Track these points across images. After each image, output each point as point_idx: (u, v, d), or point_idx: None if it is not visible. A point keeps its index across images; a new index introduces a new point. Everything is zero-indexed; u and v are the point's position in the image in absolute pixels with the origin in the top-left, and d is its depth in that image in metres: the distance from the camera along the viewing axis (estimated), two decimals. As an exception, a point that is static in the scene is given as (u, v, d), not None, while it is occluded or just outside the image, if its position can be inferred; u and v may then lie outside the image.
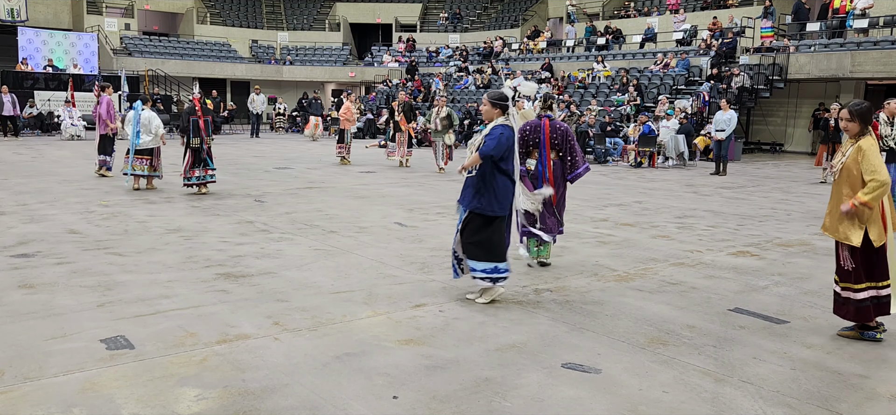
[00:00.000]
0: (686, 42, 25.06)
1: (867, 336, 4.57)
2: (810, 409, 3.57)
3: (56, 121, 23.46)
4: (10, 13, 29.58)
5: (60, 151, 17.57)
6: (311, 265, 6.33)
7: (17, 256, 6.39)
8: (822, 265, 6.82)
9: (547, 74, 26.27)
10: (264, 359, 4.06)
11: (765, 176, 15.60)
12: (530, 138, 6.30)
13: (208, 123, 10.50)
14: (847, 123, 4.51)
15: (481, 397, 3.62)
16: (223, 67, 33.53)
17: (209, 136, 10.50)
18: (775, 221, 9.42)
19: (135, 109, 10.86)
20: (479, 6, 38.45)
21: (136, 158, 10.84)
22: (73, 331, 4.44)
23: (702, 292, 5.72)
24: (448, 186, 12.43)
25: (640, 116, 18.72)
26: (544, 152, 6.31)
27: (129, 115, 11.06)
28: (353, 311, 5.02)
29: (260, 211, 9.29)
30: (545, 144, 6.29)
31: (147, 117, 10.85)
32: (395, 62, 33.56)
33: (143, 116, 10.83)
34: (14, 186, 11.05)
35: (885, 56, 18.93)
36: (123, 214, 8.80)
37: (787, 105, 23.24)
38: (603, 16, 30.82)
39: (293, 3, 40.23)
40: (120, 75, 26.09)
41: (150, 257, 6.51)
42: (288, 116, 30.82)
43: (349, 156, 16.41)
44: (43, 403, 3.43)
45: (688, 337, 4.60)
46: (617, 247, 7.42)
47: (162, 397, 3.54)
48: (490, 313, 5.04)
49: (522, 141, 6.24)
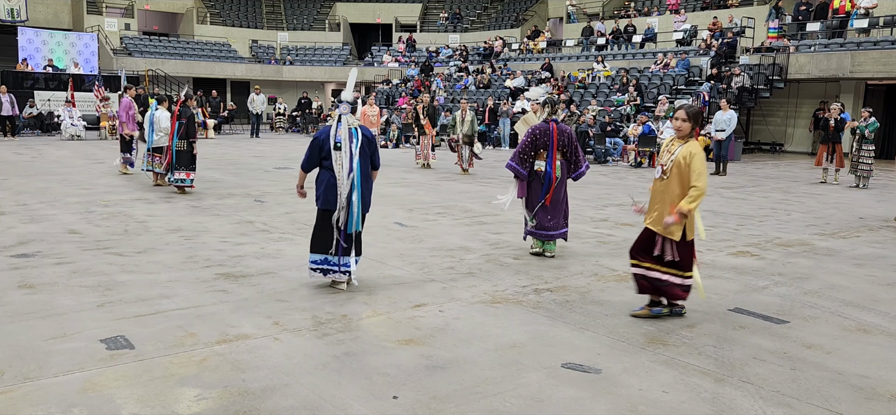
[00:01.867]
0: (686, 42, 25.05)
1: (655, 312, 4.97)
2: (810, 409, 3.57)
3: (56, 121, 23.46)
4: (10, 13, 29.57)
5: (60, 151, 17.57)
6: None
7: (17, 256, 6.39)
8: (822, 265, 6.82)
9: (547, 74, 26.27)
10: (264, 359, 4.06)
11: (765, 176, 15.60)
12: (540, 141, 6.69)
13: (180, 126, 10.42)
14: (682, 123, 4.78)
15: (481, 397, 3.62)
16: (223, 67, 33.53)
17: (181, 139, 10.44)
18: (775, 221, 9.42)
19: (151, 108, 11.30)
20: (479, 6, 38.45)
21: (153, 155, 11.27)
22: (73, 331, 4.44)
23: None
24: (448, 186, 12.44)
25: (640, 115, 18.72)
26: (552, 155, 6.69)
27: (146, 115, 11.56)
28: (353, 311, 5.02)
29: (260, 211, 9.29)
30: (553, 147, 6.67)
31: (157, 116, 11.16)
32: (395, 62, 33.55)
33: (155, 116, 11.19)
34: (14, 186, 11.05)
35: (885, 56, 18.93)
36: (123, 214, 8.80)
37: (787, 105, 23.24)
38: (603, 16, 30.82)
39: (293, 3, 40.22)
40: (120, 75, 26.11)
41: (150, 257, 6.51)
42: (288, 115, 30.81)
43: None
44: (43, 403, 3.43)
45: (688, 337, 4.60)
46: (617, 247, 7.41)
47: (162, 397, 3.54)
48: (490, 313, 5.04)
49: (533, 144, 6.67)
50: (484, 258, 6.79)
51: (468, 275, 6.13)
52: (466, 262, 6.62)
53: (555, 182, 6.69)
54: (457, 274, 6.15)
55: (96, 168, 13.94)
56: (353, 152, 5.34)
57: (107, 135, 22.41)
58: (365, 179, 5.44)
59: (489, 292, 5.56)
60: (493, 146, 22.58)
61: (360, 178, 5.37)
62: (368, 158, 5.49)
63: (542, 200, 6.71)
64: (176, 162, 10.50)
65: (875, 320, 5.09)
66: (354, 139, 5.38)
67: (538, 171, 6.69)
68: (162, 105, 11.33)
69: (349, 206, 5.34)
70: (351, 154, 5.34)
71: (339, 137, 5.36)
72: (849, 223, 9.41)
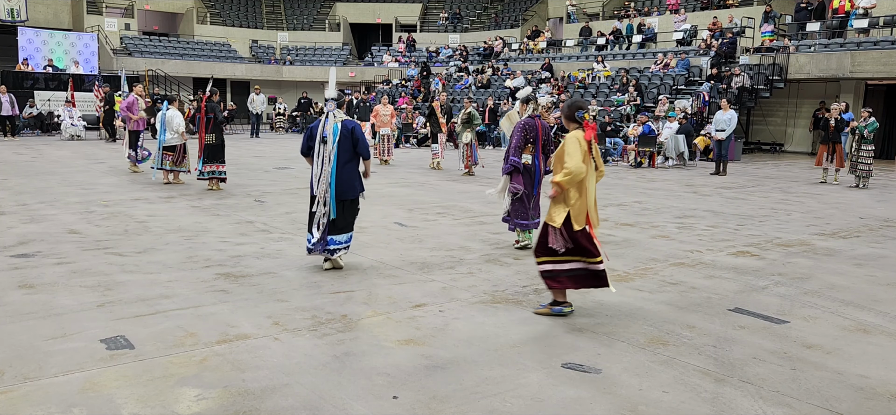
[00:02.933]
0: (686, 42, 25.05)
1: (556, 311, 4.96)
2: (810, 409, 3.57)
3: (56, 121, 23.46)
4: (10, 13, 29.57)
5: (60, 151, 17.57)
6: (311, 265, 6.33)
7: (17, 256, 6.39)
8: (822, 265, 6.82)
9: (547, 74, 26.28)
10: (264, 359, 4.06)
11: (765, 176, 15.59)
12: (530, 136, 6.95)
13: (209, 122, 10.95)
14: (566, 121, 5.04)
15: (481, 397, 3.61)
16: (223, 67, 33.51)
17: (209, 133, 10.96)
18: (775, 221, 9.41)
19: (162, 109, 11.66)
20: (479, 6, 38.45)
21: (163, 153, 11.62)
22: (73, 331, 4.44)
23: (702, 292, 5.72)
24: (448, 187, 12.44)
25: (640, 115, 18.72)
26: (538, 149, 6.98)
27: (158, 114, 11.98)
28: (353, 311, 5.02)
29: (260, 211, 9.29)
30: (539, 142, 6.98)
31: (169, 116, 11.48)
32: (395, 62, 33.55)
33: (166, 115, 11.51)
34: (14, 186, 11.05)
35: (885, 56, 18.93)
36: (123, 214, 8.80)
37: (787, 105, 23.24)
38: (603, 16, 30.82)
39: (293, 3, 40.22)
40: (120, 75, 26.09)
41: (150, 257, 6.50)
42: (288, 115, 30.80)
43: (389, 157, 16.67)
44: (43, 403, 3.43)
45: (688, 337, 4.60)
46: (617, 247, 7.41)
47: (162, 397, 3.54)
48: (490, 313, 5.04)
49: (525, 139, 6.91)
50: (484, 258, 6.79)
51: (468, 275, 6.13)
52: (466, 262, 6.63)
53: (542, 174, 7.06)
54: (457, 274, 6.15)
55: (96, 168, 13.94)
56: (332, 148, 5.96)
57: (107, 135, 22.42)
58: (342, 168, 6.00)
59: (489, 292, 5.56)
60: (494, 146, 22.59)
61: (335, 171, 5.95)
62: (349, 149, 6.02)
63: (535, 192, 7.05)
64: (207, 156, 10.96)
65: (875, 320, 5.09)
66: (335, 134, 5.96)
67: (527, 164, 6.97)
68: (172, 105, 11.72)
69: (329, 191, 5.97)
70: (331, 149, 5.96)
71: (324, 131, 6.02)
72: (849, 223, 9.41)
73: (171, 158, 11.63)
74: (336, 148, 5.92)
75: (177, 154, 11.66)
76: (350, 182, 6.04)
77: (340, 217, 6.02)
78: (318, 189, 6.00)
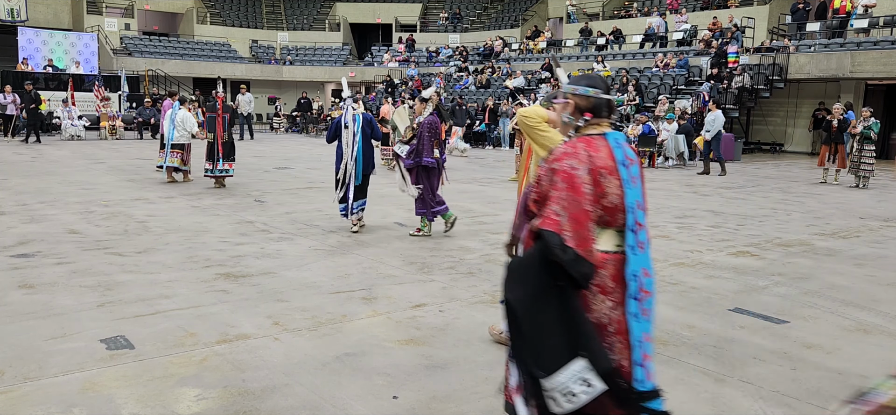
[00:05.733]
0: (686, 42, 25.04)
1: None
2: (810, 409, 3.57)
3: (56, 121, 23.44)
4: (10, 13, 29.57)
5: (60, 151, 17.56)
6: (311, 265, 6.33)
7: (17, 256, 6.39)
8: (822, 265, 6.82)
9: (547, 74, 26.26)
10: (264, 359, 4.06)
11: (765, 176, 15.59)
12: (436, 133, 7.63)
13: (225, 121, 11.22)
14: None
15: (481, 397, 3.61)
16: (223, 67, 33.46)
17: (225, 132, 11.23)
18: (775, 221, 9.41)
19: (173, 109, 11.91)
20: (479, 6, 38.44)
21: (172, 151, 11.80)
22: (73, 331, 4.44)
23: (702, 292, 5.72)
24: (448, 186, 12.41)
25: (639, 115, 18.72)
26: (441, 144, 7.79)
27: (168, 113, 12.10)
28: (353, 311, 5.02)
29: (260, 211, 9.29)
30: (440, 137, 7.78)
31: (181, 117, 11.80)
32: (394, 62, 33.54)
33: (178, 116, 11.81)
34: (14, 186, 11.05)
35: (885, 56, 18.92)
36: (123, 214, 8.80)
37: (787, 105, 23.23)
38: (603, 16, 30.81)
39: (293, 3, 40.21)
40: (120, 75, 26.10)
41: (150, 257, 6.51)
42: (287, 116, 30.78)
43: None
44: (43, 403, 3.43)
45: (688, 337, 4.60)
46: (617, 247, 7.40)
47: (162, 397, 3.54)
48: (490, 313, 5.04)
49: (432, 138, 7.56)
50: (484, 258, 6.79)
51: (468, 275, 6.13)
52: (466, 262, 6.62)
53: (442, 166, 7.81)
54: (457, 274, 6.15)
55: (96, 168, 13.94)
56: (356, 131, 7.68)
57: (107, 135, 22.41)
58: (366, 146, 7.79)
59: (489, 292, 5.56)
60: (494, 146, 22.59)
61: (361, 148, 7.71)
62: (369, 135, 7.81)
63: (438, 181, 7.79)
64: (226, 154, 11.19)
65: (875, 320, 5.09)
66: (357, 121, 7.70)
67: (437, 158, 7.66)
68: (184, 106, 11.98)
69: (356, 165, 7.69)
70: (354, 132, 7.68)
71: (346, 120, 7.74)
72: (849, 223, 9.40)
73: (180, 155, 11.83)
74: (360, 133, 7.66)
75: (185, 152, 11.92)
76: (368, 158, 7.86)
77: (363, 183, 7.77)
78: (347, 164, 7.65)
